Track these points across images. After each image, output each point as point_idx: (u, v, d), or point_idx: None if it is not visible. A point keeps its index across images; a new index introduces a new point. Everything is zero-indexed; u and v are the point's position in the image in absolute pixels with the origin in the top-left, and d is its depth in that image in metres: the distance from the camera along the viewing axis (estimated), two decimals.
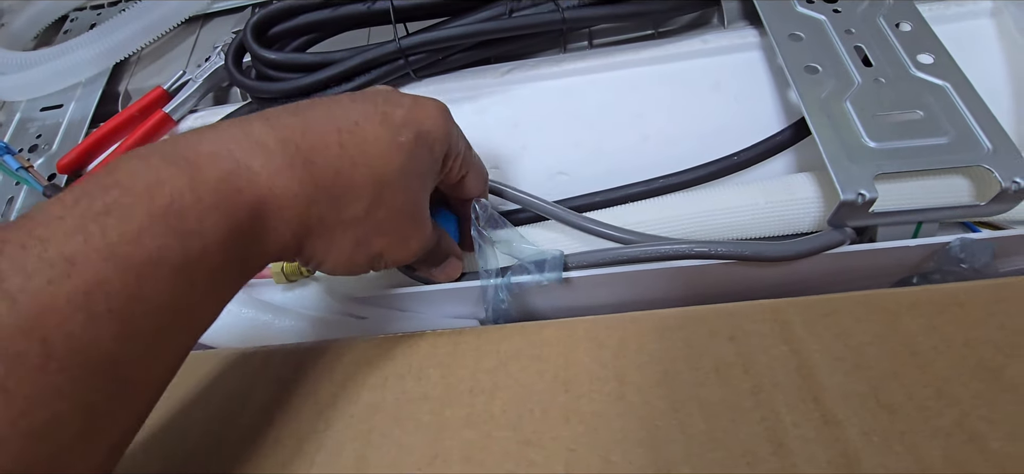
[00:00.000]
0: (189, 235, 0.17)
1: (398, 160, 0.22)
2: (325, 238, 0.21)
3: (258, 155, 0.19)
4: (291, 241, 0.20)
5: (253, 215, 0.19)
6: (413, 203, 0.23)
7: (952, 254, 0.24)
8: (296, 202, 0.20)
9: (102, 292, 0.15)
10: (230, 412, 0.23)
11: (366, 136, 0.21)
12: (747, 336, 0.21)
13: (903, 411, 0.19)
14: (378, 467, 0.20)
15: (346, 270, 0.23)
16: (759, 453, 0.18)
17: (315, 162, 0.20)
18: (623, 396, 0.21)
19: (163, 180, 0.17)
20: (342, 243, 0.22)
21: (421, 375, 0.23)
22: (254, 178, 0.19)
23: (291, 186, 0.19)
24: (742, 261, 0.26)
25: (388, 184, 0.22)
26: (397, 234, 0.23)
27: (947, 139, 0.25)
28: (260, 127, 0.20)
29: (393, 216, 0.22)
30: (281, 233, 0.20)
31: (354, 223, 0.22)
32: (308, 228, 0.21)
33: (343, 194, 0.21)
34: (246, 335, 0.27)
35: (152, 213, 0.16)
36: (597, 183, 0.33)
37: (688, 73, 0.36)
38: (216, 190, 0.18)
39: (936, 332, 0.20)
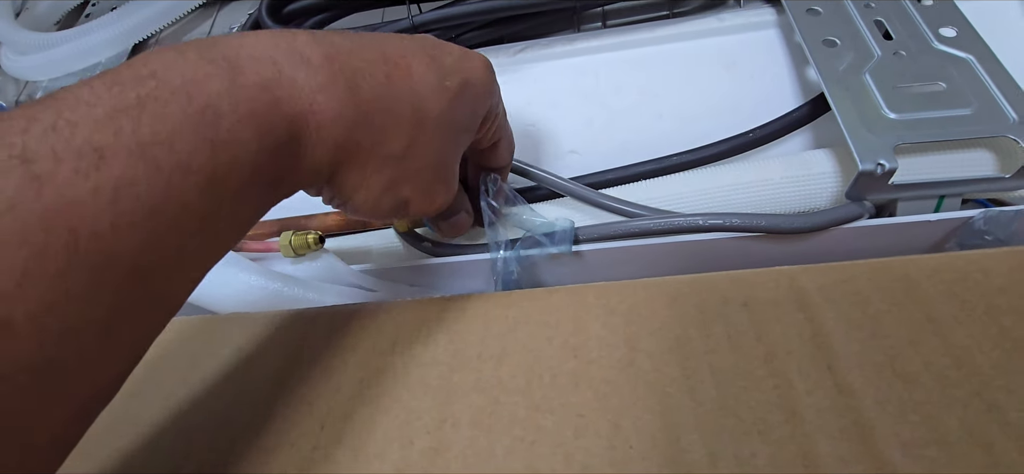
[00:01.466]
0: (221, 145, 0.16)
1: (441, 104, 0.21)
2: (358, 171, 0.20)
3: (301, 67, 0.18)
4: (325, 166, 0.19)
5: (291, 130, 0.18)
6: (448, 154, 0.23)
7: (976, 228, 0.23)
8: (336, 124, 0.18)
9: (131, 192, 0.14)
10: (239, 377, 0.23)
11: (413, 72, 0.20)
12: (761, 303, 0.21)
13: (920, 380, 0.18)
14: (387, 431, 0.20)
15: (370, 211, 0.22)
16: (771, 421, 0.18)
17: (360, 86, 0.19)
18: (633, 362, 0.20)
19: (200, 79, 0.16)
20: (373, 181, 0.21)
21: (429, 340, 0.23)
22: (296, 90, 0.18)
23: (333, 105, 0.18)
24: (756, 234, 0.25)
25: (428, 127, 0.21)
26: (427, 184, 0.22)
27: (970, 110, 0.24)
28: (305, 40, 0.18)
29: (427, 164, 0.22)
30: (317, 155, 0.19)
31: (389, 161, 0.21)
32: (345, 155, 0.20)
33: (384, 126, 0.20)
34: (254, 304, 0.27)
35: (187, 114, 0.15)
36: (609, 161, 0.32)
37: (703, 51, 0.36)
38: (255, 97, 0.16)
39: (956, 299, 0.20)
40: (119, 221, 0.14)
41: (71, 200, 0.13)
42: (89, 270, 0.13)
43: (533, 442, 0.19)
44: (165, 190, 0.14)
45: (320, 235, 0.29)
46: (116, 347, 0.15)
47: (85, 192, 0.13)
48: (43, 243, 0.12)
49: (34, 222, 0.12)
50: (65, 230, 0.13)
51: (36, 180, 0.13)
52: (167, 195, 0.15)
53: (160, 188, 0.14)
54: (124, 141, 0.14)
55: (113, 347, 0.15)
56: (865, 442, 0.17)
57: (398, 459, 0.19)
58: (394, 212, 0.23)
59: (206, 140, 0.15)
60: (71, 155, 0.13)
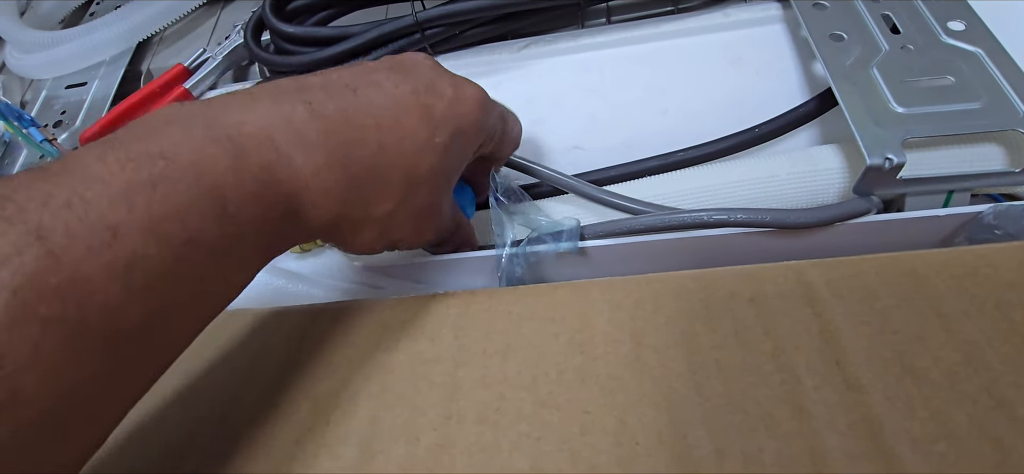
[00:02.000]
0: (228, 219, 0.17)
1: (431, 160, 0.22)
2: (351, 229, 0.22)
3: (300, 148, 0.19)
4: (321, 230, 0.21)
5: (288, 206, 0.19)
6: (437, 201, 0.24)
7: (985, 223, 0.23)
8: (330, 200, 0.20)
9: (141, 268, 0.15)
10: (244, 373, 0.23)
11: (404, 134, 0.21)
12: (768, 298, 0.21)
13: (929, 376, 0.18)
14: (392, 427, 0.20)
15: (362, 253, 0.24)
16: (778, 417, 0.18)
17: (352, 158, 0.20)
18: (639, 358, 0.20)
19: (208, 159, 0.17)
20: (366, 234, 0.22)
21: (435, 336, 0.23)
22: (295, 172, 0.19)
23: (328, 183, 0.20)
24: (763, 229, 0.25)
25: (418, 184, 0.22)
26: (415, 227, 0.24)
27: (980, 104, 0.24)
28: (303, 114, 0.19)
29: (417, 213, 0.23)
30: (312, 224, 0.20)
31: (381, 218, 0.22)
32: (338, 220, 0.21)
33: (375, 192, 0.21)
34: (260, 299, 0.27)
35: (198, 193, 0.16)
36: (613, 158, 0.32)
37: (708, 47, 0.36)
38: (257, 178, 0.18)
39: (966, 294, 0.19)
40: (129, 293, 0.15)
41: (84, 276, 0.14)
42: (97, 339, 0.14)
43: (539, 439, 0.19)
44: (174, 263, 0.15)
45: None
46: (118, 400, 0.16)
47: (97, 268, 0.14)
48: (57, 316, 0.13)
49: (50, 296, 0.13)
50: (77, 305, 0.14)
51: (51, 256, 0.13)
52: (176, 267, 0.16)
53: (169, 260, 0.15)
54: (137, 218, 0.15)
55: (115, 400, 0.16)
56: (874, 438, 0.17)
57: (404, 456, 0.19)
58: (387, 249, 0.24)
59: (214, 217, 0.16)
60: (85, 232, 0.14)
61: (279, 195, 0.18)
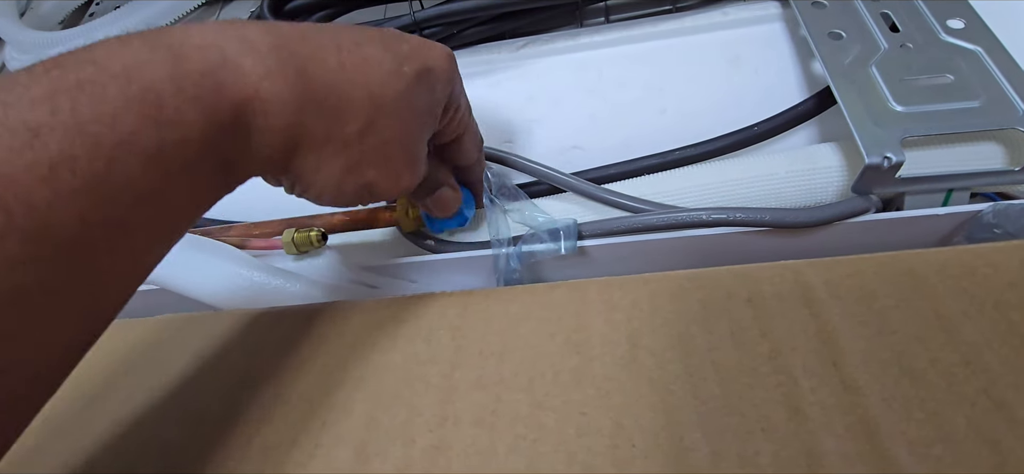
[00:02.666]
0: (166, 124, 0.16)
1: (398, 87, 0.21)
2: (314, 154, 0.20)
3: (248, 55, 0.18)
4: (278, 151, 0.20)
5: (236, 114, 0.18)
6: (409, 137, 0.22)
7: (985, 222, 0.23)
8: (284, 109, 0.19)
9: (68, 168, 0.14)
10: (241, 373, 0.23)
11: (367, 56, 0.21)
12: (765, 298, 0.21)
13: (927, 377, 0.18)
14: (389, 428, 0.20)
15: (333, 197, 0.22)
16: (775, 419, 0.18)
17: (310, 72, 0.19)
18: (636, 359, 0.20)
19: (142, 64, 0.16)
20: (332, 165, 0.21)
21: (431, 337, 0.23)
22: (241, 76, 0.18)
23: (280, 91, 0.18)
24: (761, 228, 0.25)
25: (386, 110, 0.21)
26: (389, 166, 0.22)
27: (979, 102, 0.24)
28: (255, 30, 0.19)
29: (387, 145, 0.22)
30: (267, 139, 0.19)
31: (346, 144, 0.21)
32: (297, 140, 0.20)
33: (337, 110, 0.20)
34: (256, 300, 0.27)
35: (128, 96, 0.15)
36: (612, 157, 0.32)
37: (707, 46, 0.35)
38: (198, 83, 0.17)
39: (965, 295, 0.19)
40: (57, 195, 0.14)
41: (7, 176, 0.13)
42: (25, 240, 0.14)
43: (535, 441, 0.19)
44: (106, 165, 0.15)
45: (323, 232, 0.29)
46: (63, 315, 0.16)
47: (21, 168, 0.14)
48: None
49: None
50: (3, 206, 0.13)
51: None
52: (108, 170, 0.15)
53: (100, 164, 0.15)
54: (61, 119, 0.14)
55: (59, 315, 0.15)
56: (871, 440, 0.17)
57: (400, 458, 0.19)
58: (359, 196, 0.23)
59: (149, 119, 0.16)
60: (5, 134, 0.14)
61: (224, 100, 0.17)
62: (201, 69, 0.17)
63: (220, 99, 0.17)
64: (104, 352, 0.26)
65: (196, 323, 0.26)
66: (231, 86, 0.18)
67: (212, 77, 0.17)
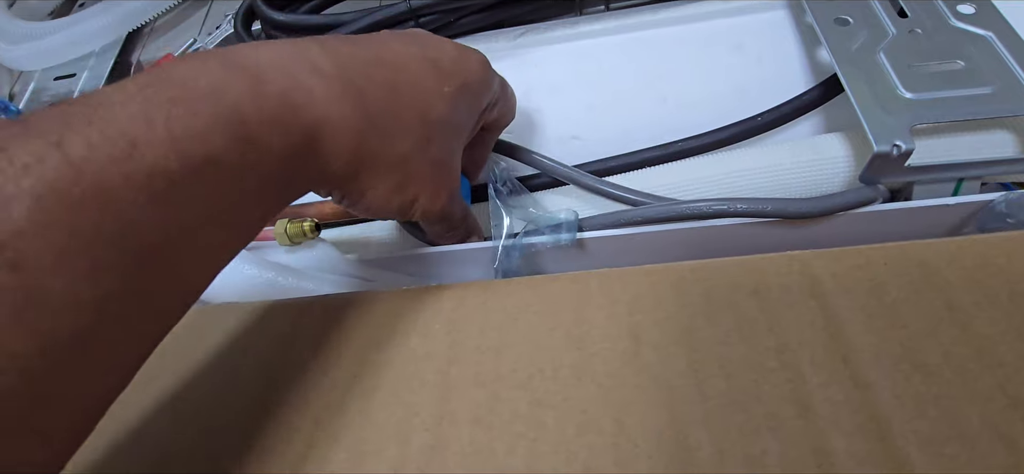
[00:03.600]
0: (248, 143, 0.17)
1: (443, 108, 0.22)
2: (371, 173, 0.21)
3: (317, 79, 0.19)
4: (341, 170, 0.20)
5: (308, 137, 0.19)
6: (450, 153, 0.24)
7: (996, 211, 0.22)
8: (349, 132, 0.19)
9: (162, 180, 0.15)
10: (231, 370, 0.23)
11: (416, 79, 0.22)
12: (772, 290, 0.20)
13: (939, 373, 0.17)
14: (383, 427, 0.20)
15: (379, 212, 0.23)
16: (783, 416, 0.17)
17: (368, 95, 0.20)
18: (638, 354, 0.20)
19: (226, 85, 0.17)
20: (384, 183, 0.22)
21: (426, 332, 0.22)
22: (312, 100, 0.18)
23: (345, 114, 0.19)
24: (765, 219, 0.24)
25: (433, 130, 0.22)
26: (433, 182, 0.23)
27: (991, 89, 0.23)
28: (316, 51, 0.20)
29: (432, 163, 0.23)
30: (333, 160, 0.20)
31: (399, 162, 0.21)
32: (359, 161, 0.20)
33: (393, 131, 0.21)
34: (248, 293, 0.26)
35: (217, 114, 0.16)
36: (612, 149, 0.32)
37: (709, 34, 0.35)
38: (276, 103, 0.17)
39: (978, 287, 0.19)
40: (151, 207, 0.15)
41: (106, 187, 0.14)
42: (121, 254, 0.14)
43: (534, 440, 0.18)
44: (195, 179, 0.15)
45: (316, 223, 0.28)
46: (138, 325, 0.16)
47: (119, 179, 0.14)
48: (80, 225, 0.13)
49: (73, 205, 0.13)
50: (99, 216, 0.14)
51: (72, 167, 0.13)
52: (197, 186, 0.15)
53: (190, 177, 0.15)
54: (157, 134, 0.15)
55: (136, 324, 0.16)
56: (882, 438, 0.16)
57: (395, 457, 0.19)
58: (401, 211, 0.23)
59: (235, 137, 0.16)
60: (105, 144, 0.14)
61: (298, 122, 0.18)
62: (277, 90, 0.18)
63: (295, 121, 0.18)
64: None
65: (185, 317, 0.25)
66: (304, 109, 0.18)
67: (288, 99, 0.18)
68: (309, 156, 0.19)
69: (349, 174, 0.21)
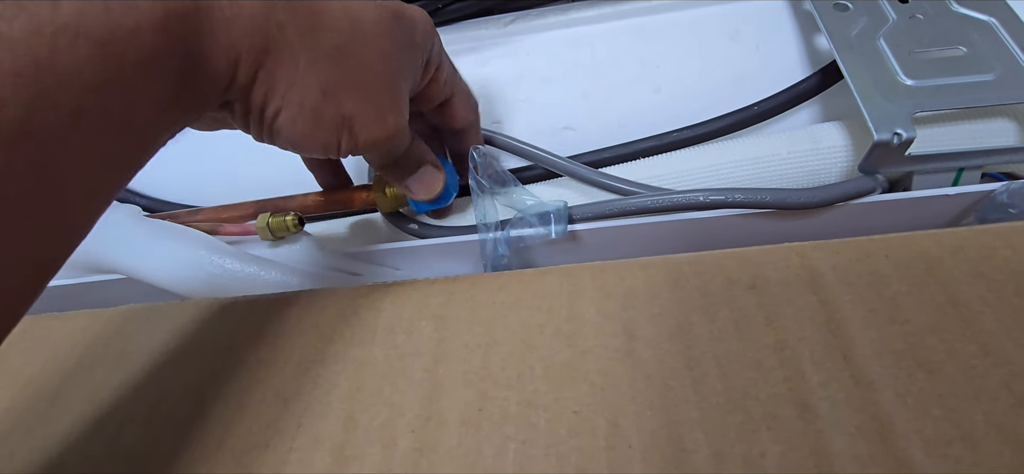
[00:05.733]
0: (118, 6, 0.14)
1: (377, 15, 0.20)
2: (286, 67, 0.18)
3: None
4: (244, 57, 0.17)
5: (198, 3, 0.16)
6: (391, 73, 0.21)
7: (998, 202, 0.22)
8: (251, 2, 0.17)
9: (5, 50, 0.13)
10: (210, 369, 0.22)
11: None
12: (770, 284, 0.19)
13: (943, 370, 0.17)
14: (368, 428, 0.19)
15: (307, 128, 0.20)
16: (782, 416, 0.17)
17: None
18: (632, 352, 0.19)
19: None
20: (307, 82, 0.19)
21: (412, 328, 0.21)
22: None
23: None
24: (762, 210, 0.24)
25: (364, 32, 0.19)
26: (371, 99, 0.20)
27: (993, 76, 0.23)
28: None
29: (367, 73, 0.20)
30: (231, 38, 0.17)
31: (323, 58, 0.19)
32: (266, 42, 0.18)
33: (311, 15, 0.18)
34: (228, 288, 0.25)
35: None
36: (606, 139, 0.31)
37: (705, 21, 0.34)
38: None
39: (983, 280, 0.18)
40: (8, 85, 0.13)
41: None
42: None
43: (524, 442, 0.17)
44: (49, 50, 0.14)
45: (299, 217, 0.27)
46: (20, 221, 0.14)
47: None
48: None
49: None
50: None
51: None
52: (51, 55, 0.14)
53: (42, 48, 0.14)
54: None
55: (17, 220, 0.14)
56: (884, 439, 0.16)
57: (380, 461, 0.18)
58: (337, 132, 0.20)
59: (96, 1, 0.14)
60: None
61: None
62: None
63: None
64: (66, 345, 0.24)
65: (163, 314, 0.25)
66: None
67: None
68: (200, 31, 0.16)
69: (257, 59, 0.18)
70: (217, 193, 0.31)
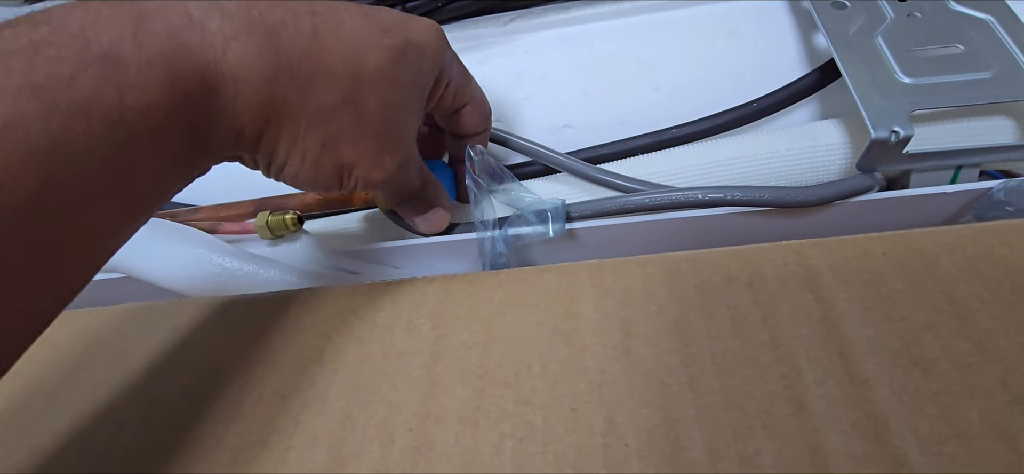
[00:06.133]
0: (129, 87, 0.15)
1: (380, 58, 0.20)
2: (289, 129, 0.19)
3: (215, 15, 0.17)
4: (249, 124, 0.18)
5: (204, 81, 0.17)
6: (392, 115, 0.21)
7: (995, 200, 0.22)
8: (254, 76, 0.18)
9: (22, 130, 0.13)
10: (209, 367, 0.22)
11: (344, 24, 0.19)
12: (767, 282, 0.19)
13: (938, 368, 0.17)
14: (366, 427, 0.19)
15: (310, 177, 0.21)
16: (777, 414, 0.17)
17: (282, 36, 0.18)
18: (629, 350, 0.19)
19: (102, 23, 0.15)
20: (308, 140, 0.19)
21: (410, 326, 0.21)
22: (208, 39, 0.17)
23: (249, 55, 0.17)
24: (761, 209, 0.24)
25: (365, 82, 0.20)
26: (370, 145, 0.21)
27: (991, 73, 0.23)
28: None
29: (367, 122, 0.20)
30: (237, 111, 0.18)
31: (323, 116, 0.19)
32: (270, 110, 0.18)
33: (311, 77, 0.19)
34: (227, 287, 0.25)
35: (86, 58, 0.14)
36: (605, 136, 0.31)
37: (703, 19, 0.34)
38: (162, 43, 0.16)
39: (979, 277, 0.18)
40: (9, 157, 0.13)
41: None
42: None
43: (522, 440, 0.17)
44: (63, 128, 0.14)
45: (298, 215, 0.27)
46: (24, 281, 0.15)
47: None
48: None
49: None
50: None
51: None
52: (66, 133, 0.14)
53: (57, 126, 0.14)
54: (13, 82, 0.14)
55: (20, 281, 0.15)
56: (879, 437, 0.16)
57: (378, 458, 0.18)
58: (338, 177, 0.21)
59: (110, 82, 0.15)
60: None
61: (190, 65, 0.16)
62: (165, 29, 0.16)
63: (185, 61, 0.16)
64: (66, 343, 0.25)
65: (162, 312, 0.25)
66: (197, 48, 0.17)
67: (176, 38, 0.16)
68: (209, 104, 0.17)
69: (261, 126, 0.19)
70: (216, 191, 0.31)
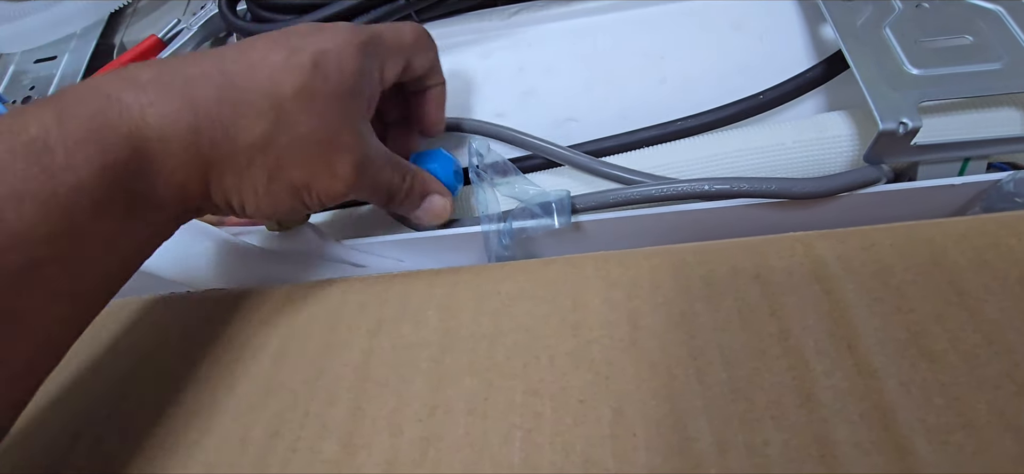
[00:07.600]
0: (59, 169, 0.16)
1: (294, 80, 0.20)
2: (230, 172, 0.20)
3: (130, 89, 0.19)
4: (189, 177, 0.20)
5: (132, 149, 0.18)
6: (330, 127, 0.21)
7: (1004, 191, 0.22)
8: (177, 131, 0.19)
9: None
10: (218, 359, 0.22)
11: (252, 60, 0.20)
12: (774, 273, 0.19)
13: (946, 359, 0.17)
14: (375, 418, 0.19)
15: (270, 208, 0.22)
16: (785, 405, 0.17)
17: (195, 92, 0.19)
18: (636, 341, 0.19)
19: (28, 118, 0.17)
20: (254, 175, 0.21)
21: (418, 319, 0.21)
22: (125, 110, 0.18)
23: (168, 115, 0.19)
24: (768, 200, 0.24)
25: (288, 106, 0.20)
26: (318, 161, 0.21)
27: (1000, 64, 0.23)
28: (136, 67, 0.19)
29: (304, 141, 0.21)
30: (172, 167, 0.19)
31: (258, 150, 0.20)
32: (203, 161, 0.20)
33: (234, 118, 0.20)
34: (234, 279, 0.25)
35: (13, 148, 0.16)
36: (609, 129, 0.31)
37: (708, 11, 0.34)
38: (86, 125, 0.17)
39: (988, 269, 0.18)
40: None
41: None
42: None
43: (530, 431, 0.17)
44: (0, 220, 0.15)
45: None
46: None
47: None
48: None
49: None
50: None
51: None
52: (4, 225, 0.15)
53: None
54: None
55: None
56: (887, 428, 0.16)
57: (388, 449, 0.18)
58: (298, 199, 0.22)
59: (40, 165, 0.16)
60: None
61: (114, 138, 0.18)
62: (87, 113, 0.17)
63: (109, 137, 0.18)
64: None
65: (170, 305, 0.25)
66: (117, 121, 0.18)
67: (99, 118, 0.18)
68: (142, 169, 0.18)
69: (202, 177, 0.20)
70: None
